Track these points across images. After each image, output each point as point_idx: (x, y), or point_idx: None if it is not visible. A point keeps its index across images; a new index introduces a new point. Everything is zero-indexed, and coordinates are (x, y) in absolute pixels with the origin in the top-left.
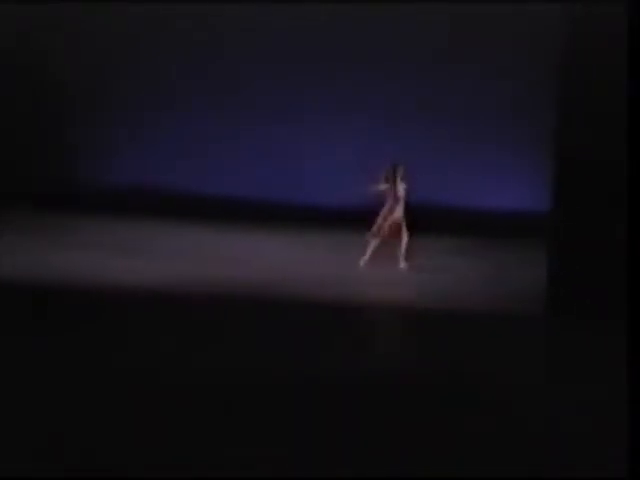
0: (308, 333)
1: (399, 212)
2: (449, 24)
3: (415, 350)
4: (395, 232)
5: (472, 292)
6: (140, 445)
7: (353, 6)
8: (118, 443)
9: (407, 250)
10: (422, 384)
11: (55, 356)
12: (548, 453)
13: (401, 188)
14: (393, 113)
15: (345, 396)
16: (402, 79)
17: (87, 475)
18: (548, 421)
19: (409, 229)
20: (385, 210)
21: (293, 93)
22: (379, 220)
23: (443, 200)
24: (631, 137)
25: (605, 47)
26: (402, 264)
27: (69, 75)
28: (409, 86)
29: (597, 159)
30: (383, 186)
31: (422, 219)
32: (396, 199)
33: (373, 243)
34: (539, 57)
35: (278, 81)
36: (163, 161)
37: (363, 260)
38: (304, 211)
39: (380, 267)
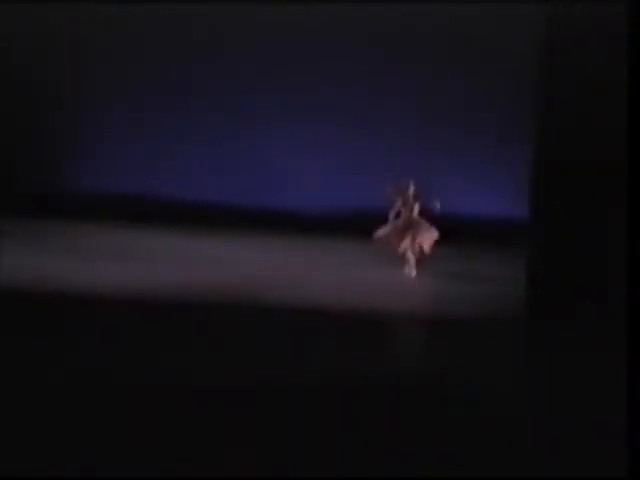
0: (302, 337)
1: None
2: (432, 25)
3: (404, 354)
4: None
5: (458, 297)
6: (139, 445)
7: (353, 6)
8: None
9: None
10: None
11: (31, 359)
12: (547, 453)
13: (416, 206)
14: (376, 116)
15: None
16: (385, 81)
17: (86, 475)
18: (547, 421)
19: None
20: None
21: (276, 95)
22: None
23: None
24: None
25: (584, 47)
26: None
27: (50, 75)
28: (392, 89)
29: (577, 163)
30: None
31: None
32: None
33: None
34: (523, 61)
35: (261, 83)
36: (144, 164)
37: (411, 272)
38: (289, 216)
39: (368, 272)
